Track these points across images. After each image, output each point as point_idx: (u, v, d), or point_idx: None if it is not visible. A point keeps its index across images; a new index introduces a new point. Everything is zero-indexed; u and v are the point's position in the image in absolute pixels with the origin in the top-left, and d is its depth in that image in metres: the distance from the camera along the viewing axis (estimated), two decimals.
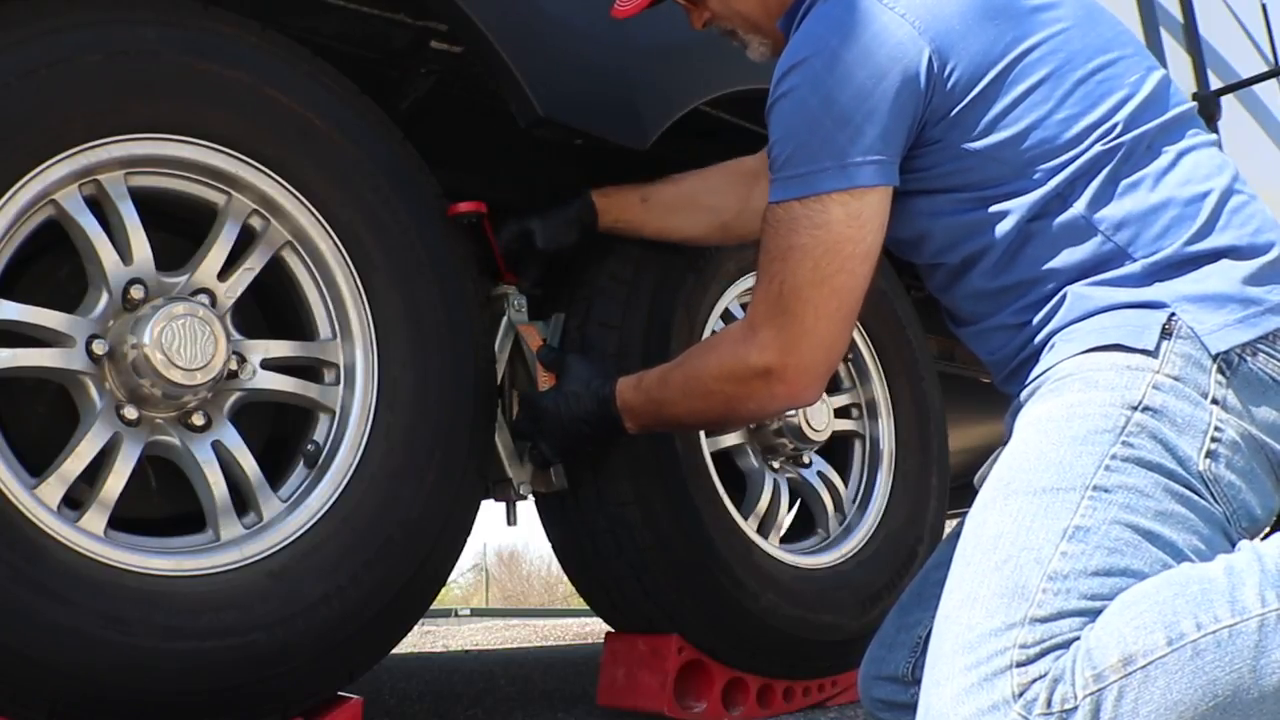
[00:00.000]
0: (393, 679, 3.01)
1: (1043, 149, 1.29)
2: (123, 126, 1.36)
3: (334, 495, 1.46)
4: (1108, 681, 1.03)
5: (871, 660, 1.43)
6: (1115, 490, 1.16)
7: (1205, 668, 1.03)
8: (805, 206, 1.30)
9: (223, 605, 1.32)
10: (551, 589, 23.28)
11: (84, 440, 1.32)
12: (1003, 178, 1.30)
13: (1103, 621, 1.08)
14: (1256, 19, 4.02)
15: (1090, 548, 1.12)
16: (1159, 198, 1.27)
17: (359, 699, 1.47)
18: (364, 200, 1.54)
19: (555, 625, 7.33)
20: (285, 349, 1.52)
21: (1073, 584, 1.09)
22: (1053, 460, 1.19)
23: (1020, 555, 1.12)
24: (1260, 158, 3.73)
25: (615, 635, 1.96)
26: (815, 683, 2.07)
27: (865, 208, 1.30)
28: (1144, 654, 1.04)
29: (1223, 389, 1.21)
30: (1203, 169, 1.30)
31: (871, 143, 1.28)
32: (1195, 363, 1.22)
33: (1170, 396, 1.21)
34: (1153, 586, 1.09)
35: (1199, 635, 1.05)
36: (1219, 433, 1.21)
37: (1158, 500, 1.16)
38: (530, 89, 1.62)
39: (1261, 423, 1.22)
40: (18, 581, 1.18)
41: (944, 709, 1.06)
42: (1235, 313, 1.23)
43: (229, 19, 1.47)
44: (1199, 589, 1.07)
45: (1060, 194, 1.28)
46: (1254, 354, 1.22)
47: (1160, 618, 1.05)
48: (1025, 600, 1.08)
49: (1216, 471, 1.19)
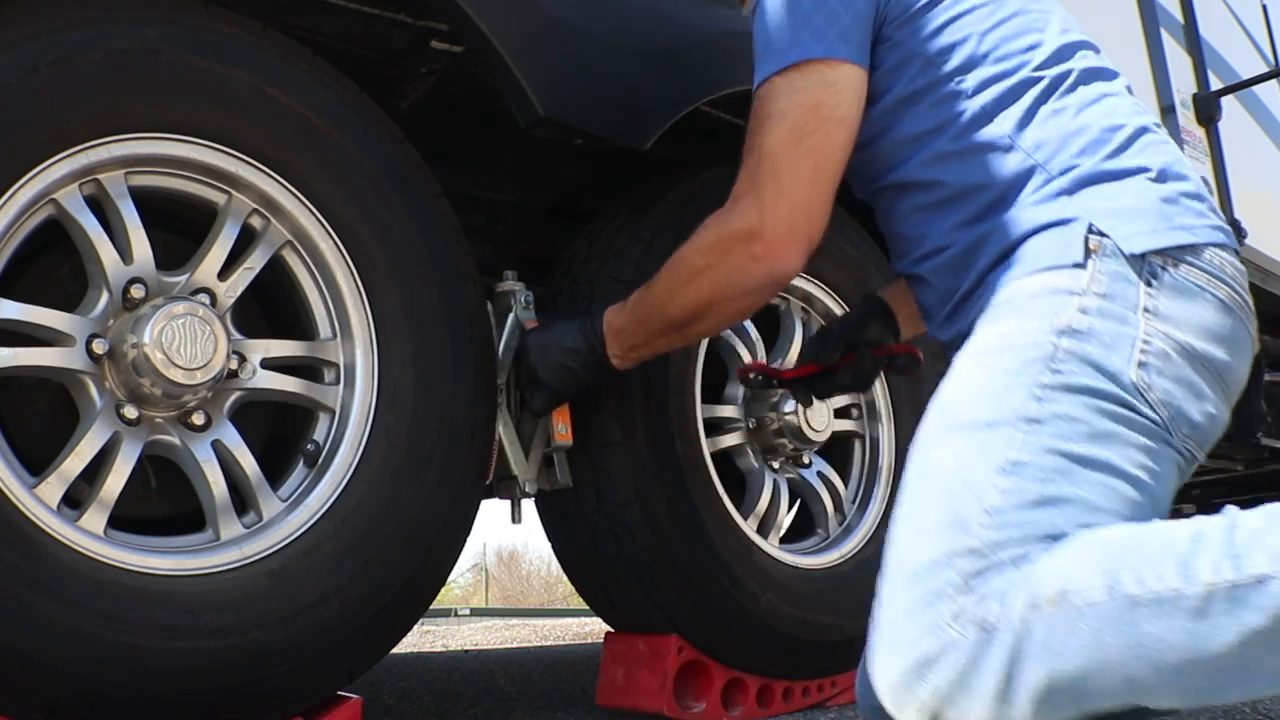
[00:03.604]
0: (393, 678, 3.01)
1: (977, 63, 1.37)
2: (123, 126, 1.36)
3: (334, 495, 1.46)
4: (1041, 612, 1.06)
5: (866, 668, 1.43)
6: (1047, 420, 1.20)
7: (1138, 624, 1.04)
8: (784, 77, 1.37)
9: (222, 604, 1.32)
10: (551, 589, 23.27)
11: (84, 439, 1.32)
12: (936, 83, 1.38)
13: (1056, 554, 1.11)
14: (1256, 19, 4.01)
15: (1025, 481, 1.15)
16: (1079, 124, 1.33)
17: (359, 699, 1.47)
18: (364, 200, 1.54)
19: (555, 625, 7.33)
20: (285, 348, 1.52)
21: (1010, 517, 1.13)
22: (987, 393, 1.23)
23: (960, 491, 1.16)
24: (1260, 158, 3.73)
25: (615, 635, 1.96)
26: (815, 683, 2.07)
27: (841, 77, 1.37)
28: (1080, 594, 1.06)
29: (1153, 299, 1.25)
30: (1123, 109, 1.36)
31: (847, 26, 1.37)
32: (1123, 278, 1.26)
33: (1097, 318, 1.25)
34: (1117, 533, 1.11)
35: (1139, 591, 1.05)
36: (1148, 344, 1.24)
37: (1090, 423, 1.19)
38: (531, 89, 1.62)
39: (1197, 328, 1.25)
40: (18, 581, 1.18)
41: (890, 625, 1.13)
42: (1150, 223, 1.27)
43: (230, 18, 1.47)
44: (1157, 547, 1.08)
45: (987, 111, 1.35)
46: (1176, 264, 1.26)
47: (1107, 565, 1.07)
48: (966, 534, 1.13)
49: (1149, 380, 1.22)
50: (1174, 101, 3.06)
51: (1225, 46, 3.52)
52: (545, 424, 1.76)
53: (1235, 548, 1.06)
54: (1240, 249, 3.12)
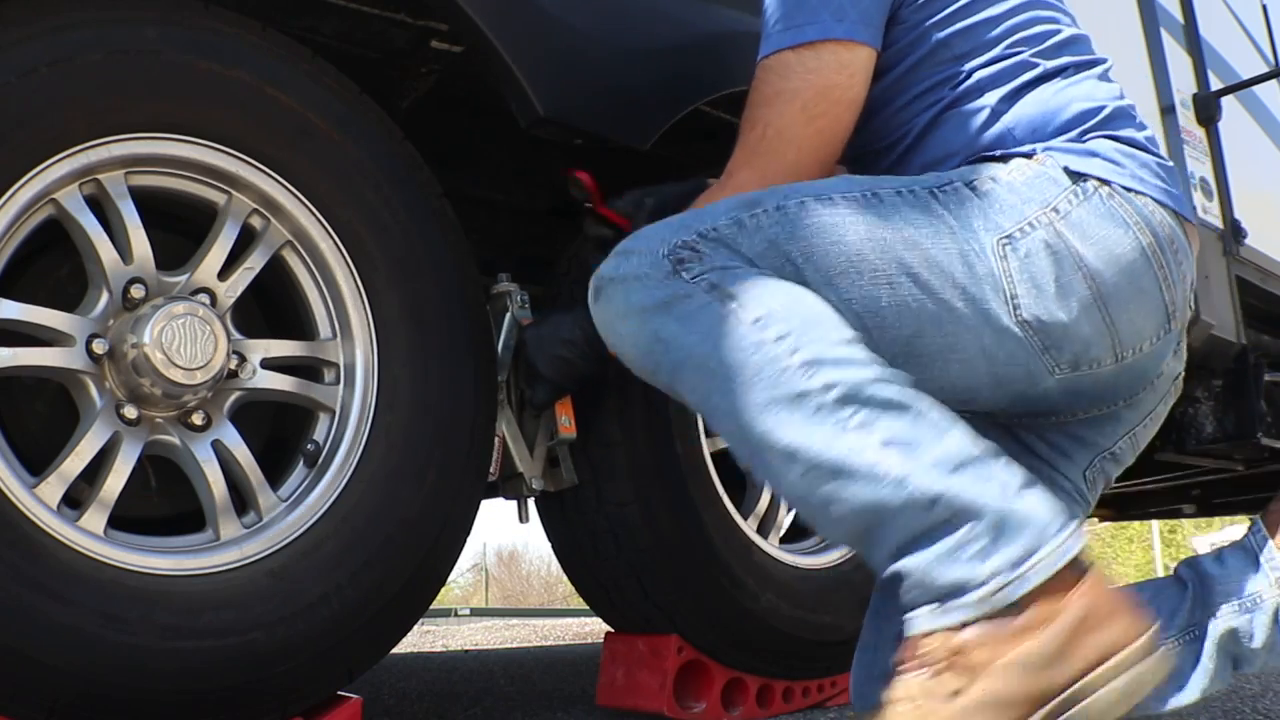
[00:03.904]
0: (392, 678, 3.01)
1: (982, 45, 1.39)
2: (123, 125, 1.36)
3: (334, 494, 1.46)
4: (711, 295, 1.20)
5: (861, 665, 1.43)
6: (888, 204, 1.27)
7: (749, 359, 1.17)
8: (798, 54, 1.36)
9: (222, 604, 1.32)
10: (551, 589, 23.27)
11: (84, 439, 1.32)
12: (942, 63, 1.39)
13: (770, 276, 1.22)
14: (1256, 19, 4.01)
15: (812, 210, 1.26)
16: (1059, 102, 1.37)
17: (359, 699, 1.47)
18: (364, 200, 1.54)
19: (555, 625, 7.33)
20: (285, 348, 1.52)
21: (766, 219, 1.26)
22: (866, 177, 1.33)
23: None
24: (1260, 158, 3.73)
25: (615, 635, 1.96)
26: (815, 683, 2.07)
27: (856, 60, 1.36)
28: (739, 298, 1.19)
29: (1070, 204, 1.29)
30: (1102, 92, 1.40)
31: (868, 8, 1.36)
32: (1049, 179, 1.31)
33: (1001, 188, 1.30)
34: (818, 306, 1.21)
35: (771, 340, 1.17)
36: (1031, 228, 1.28)
37: (912, 229, 1.26)
38: (531, 89, 1.62)
39: (1100, 248, 1.28)
40: (17, 580, 1.18)
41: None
42: (1101, 165, 1.32)
43: (229, 18, 1.47)
44: (820, 334, 1.18)
45: (980, 87, 1.38)
46: (1112, 195, 1.30)
47: (779, 306, 1.19)
48: (720, 213, 1.27)
49: (1006, 252, 1.26)
50: (1174, 101, 3.06)
51: (1225, 46, 3.52)
52: (548, 420, 1.77)
53: (858, 390, 1.15)
54: (1240, 249, 3.12)
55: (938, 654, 1.11)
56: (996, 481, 1.14)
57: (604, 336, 1.29)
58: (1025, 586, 1.10)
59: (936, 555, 1.11)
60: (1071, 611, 1.10)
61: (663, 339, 1.22)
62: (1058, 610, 1.09)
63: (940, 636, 1.11)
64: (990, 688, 1.08)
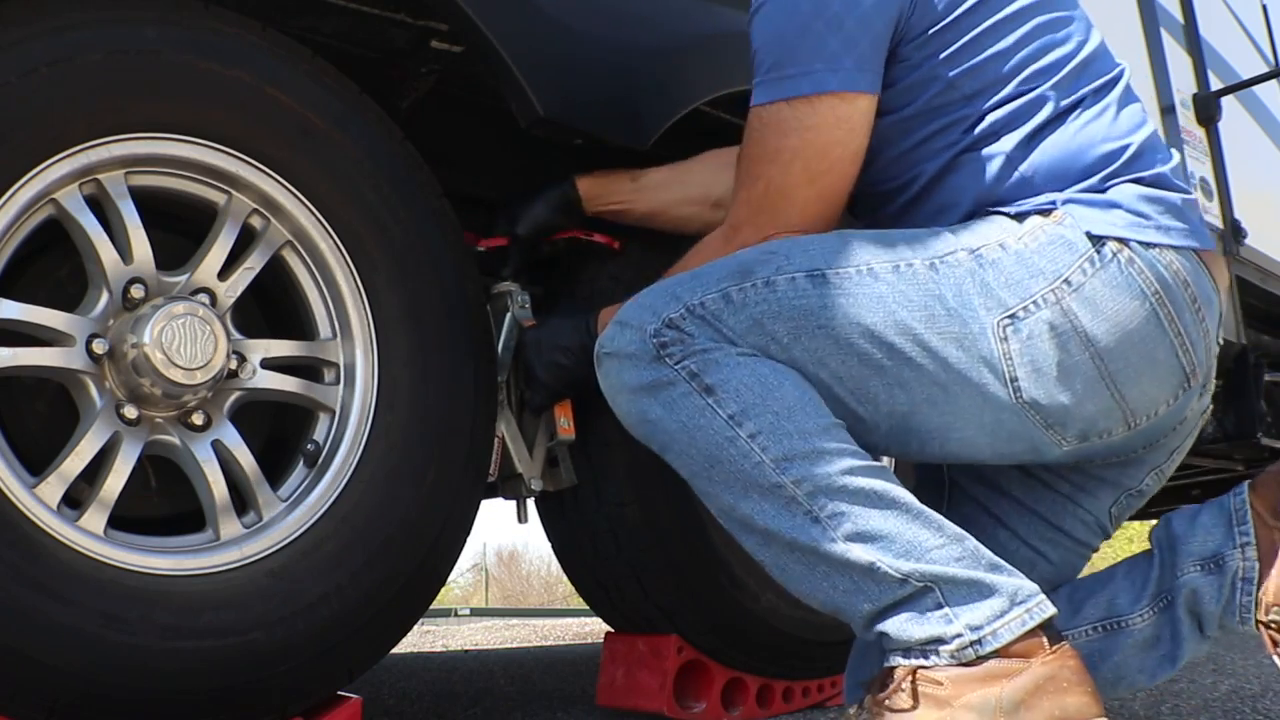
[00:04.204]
0: (393, 678, 3.01)
1: (994, 83, 1.32)
2: (123, 126, 1.36)
3: (334, 495, 1.46)
4: (690, 385, 1.25)
5: (852, 671, 1.44)
6: (883, 281, 1.24)
7: (724, 449, 1.23)
8: (793, 108, 1.31)
9: (222, 604, 1.32)
10: (551, 589, 23.27)
11: (84, 439, 1.32)
12: (951, 104, 1.33)
13: (747, 363, 1.25)
14: (1256, 19, 4.01)
15: (802, 287, 1.25)
16: (1079, 143, 1.31)
17: (359, 699, 1.47)
18: (364, 200, 1.54)
19: (555, 625, 7.33)
20: (285, 348, 1.52)
21: (752, 295, 1.27)
22: (865, 239, 1.29)
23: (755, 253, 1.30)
24: (1260, 158, 3.73)
25: (615, 635, 1.96)
26: (815, 683, 2.07)
27: (855, 112, 1.32)
28: (716, 394, 1.24)
29: (1082, 276, 1.24)
30: (1123, 125, 1.34)
31: (864, 50, 1.30)
32: (1064, 243, 1.25)
33: (1009, 258, 1.25)
34: (793, 394, 1.24)
35: (745, 438, 1.22)
36: (1037, 307, 1.23)
37: (908, 321, 1.23)
38: (531, 89, 1.62)
39: (1110, 321, 1.24)
40: (17, 580, 1.18)
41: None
42: (1123, 218, 1.26)
43: (230, 18, 1.47)
44: (790, 426, 1.22)
45: (995, 131, 1.32)
46: (1131, 260, 1.25)
47: (753, 402, 1.22)
48: (707, 282, 1.29)
49: (1008, 334, 1.23)
50: (1174, 101, 3.06)
51: (1225, 46, 3.52)
52: (548, 420, 1.76)
53: (829, 482, 1.20)
54: (1240, 249, 3.12)
55: (913, 688, 1.20)
56: (965, 558, 1.21)
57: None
58: (992, 645, 1.18)
59: (907, 618, 1.21)
60: (1035, 672, 1.17)
61: (650, 420, 1.29)
62: (1022, 669, 1.17)
63: (916, 671, 1.21)
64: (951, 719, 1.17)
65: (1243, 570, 1.31)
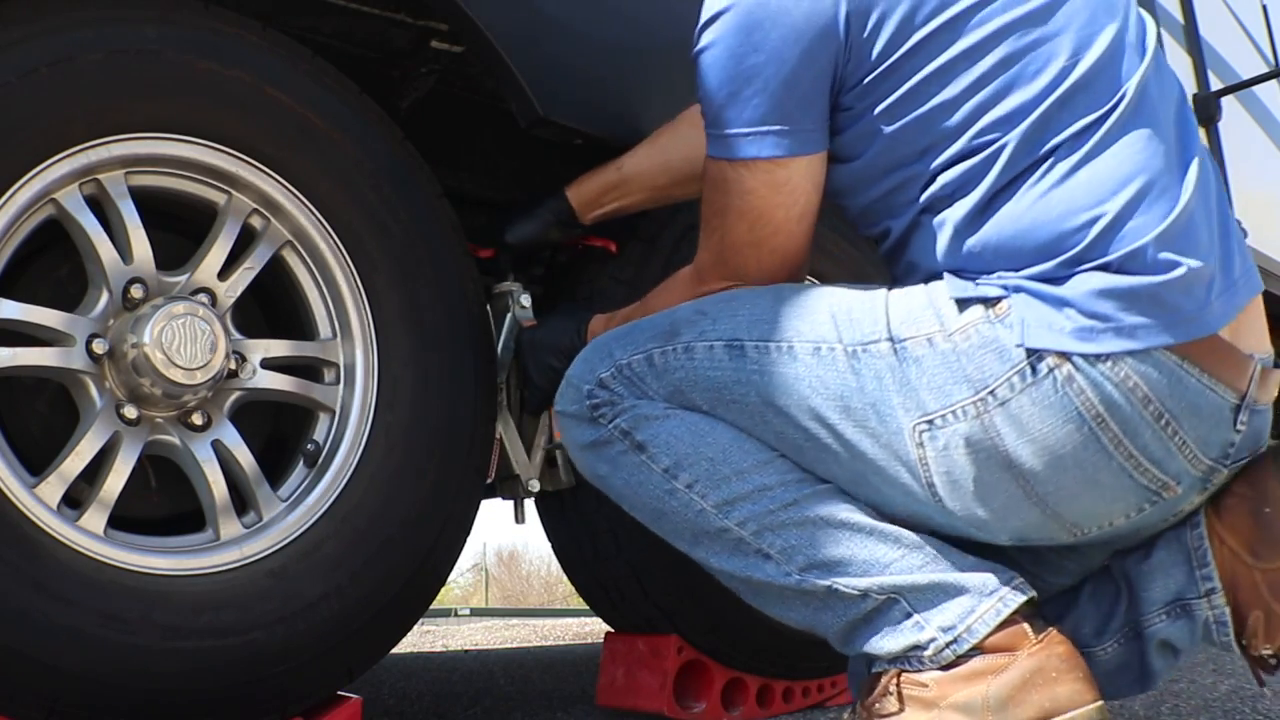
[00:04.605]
0: (393, 678, 3.01)
1: (942, 138, 1.20)
2: (123, 125, 1.36)
3: (334, 494, 1.45)
4: (625, 444, 1.29)
5: (853, 673, 1.44)
6: (801, 363, 1.22)
7: (668, 505, 1.27)
8: (732, 169, 1.27)
9: (222, 604, 1.32)
10: (551, 589, 23.27)
11: (84, 439, 1.32)
12: (903, 160, 1.23)
13: (675, 415, 1.27)
14: (1256, 19, 4.01)
15: (719, 361, 1.25)
16: (1033, 218, 1.15)
17: (359, 698, 1.47)
18: (364, 200, 1.54)
19: (555, 625, 7.32)
20: (285, 348, 1.52)
21: (673, 361, 1.28)
22: (796, 309, 1.25)
23: (669, 321, 1.31)
24: (1260, 158, 3.73)
25: (615, 635, 1.96)
26: (815, 683, 2.06)
27: (792, 175, 1.26)
28: (649, 450, 1.27)
29: (1010, 391, 1.13)
30: (1103, 181, 1.14)
31: (791, 111, 1.22)
32: (996, 350, 1.13)
33: (935, 357, 1.16)
34: (724, 439, 1.25)
35: (683, 489, 1.26)
36: (956, 419, 1.15)
37: (817, 407, 1.21)
38: (530, 89, 1.62)
39: (1037, 443, 1.13)
40: (17, 581, 1.18)
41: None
42: (1072, 322, 1.11)
43: (230, 18, 1.47)
44: (725, 470, 1.24)
45: (948, 194, 1.20)
46: (1069, 379, 1.11)
47: (685, 453, 1.25)
48: (637, 345, 1.31)
49: (924, 439, 1.17)
50: None
51: (1225, 46, 3.52)
52: (547, 421, 1.76)
53: (774, 519, 1.22)
54: None
55: (898, 692, 1.21)
56: (927, 564, 1.20)
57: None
58: (969, 641, 1.17)
59: (880, 633, 1.21)
60: (1021, 665, 1.15)
61: (600, 476, 1.33)
62: (1007, 664, 1.16)
63: (900, 676, 1.21)
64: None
65: (1213, 617, 1.21)
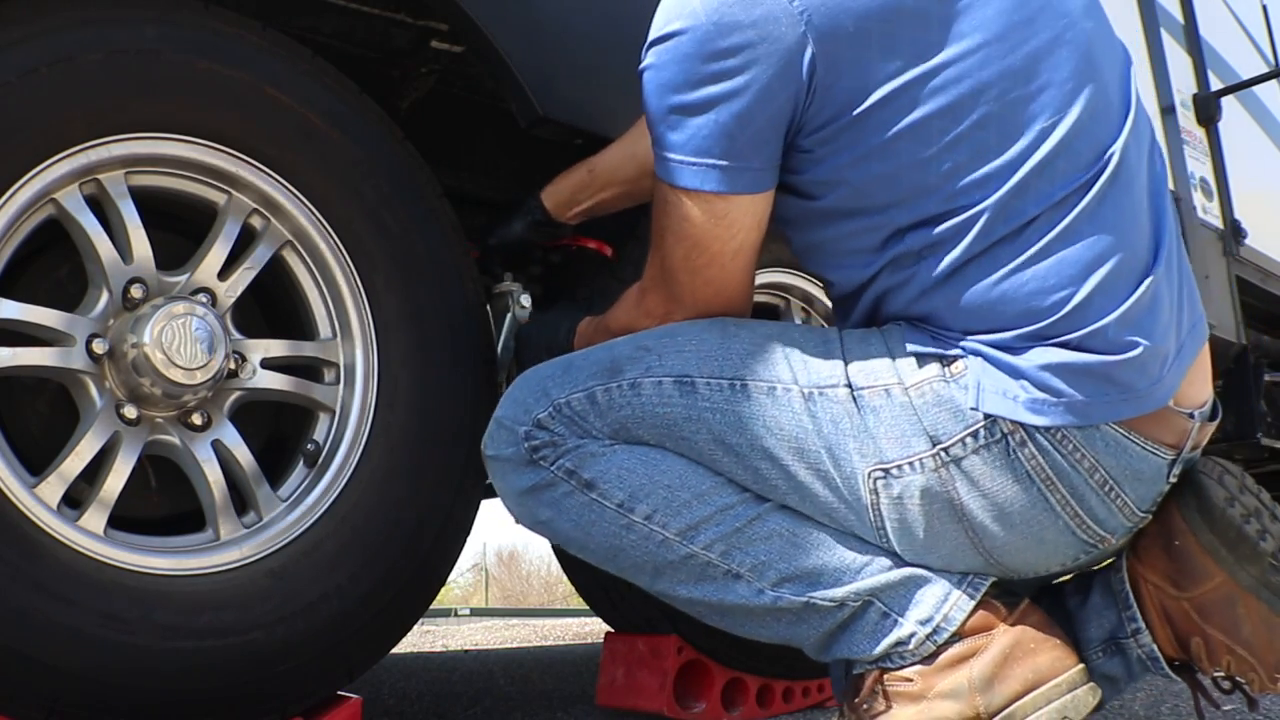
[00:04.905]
0: (392, 678, 3.01)
1: (912, 197, 1.16)
2: (123, 125, 1.36)
3: (333, 495, 1.45)
4: (572, 482, 1.25)
5: (835, 678, 1.44)
6: (755, 402, 1.20)
7: (625, 540, 1.23)
8: (673, 193, 1.22)
9: (222, 604, 1.32)
10: (551, 589, 23.27)
11: (84, 439, 1.32)
12: (865, 210, 1.19)
13: (622, 449, 1.24)
14: (1256, 19, 4.01)
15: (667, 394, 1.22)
16: (1000, 293, 1.14)
17: (358, 698, 1.47)
18: (364, 200, 1.54)
19: (555, 625, 7.33)
20: (285, 348, 1.52)
21: (621, 399, 1.25)
22: (746, 347, 1.23)
23: (613, 354, 1.28)
24: (1260, 158, 3.73)
25: (615, 635, 1.96)
26: (815, 683, 2.06)
27: (732, 209, 1.20)
28: (599, 487, 1.23)
29: (963, 450, 1.15)
30: (1075, 261, 1.13)
31: (740, 148, 1.16)
32: (952, 409, 1.15)
33: (893, 408, 1.16)
34: (677, 465, 1.22)
35: (641, 521, 1.22)
36: (912, 470, 1.16)
37: (776, 451, 1.19)
38: (530, 88, 1.62)
39: (987, 500, 1.15)
40: (17, 581, 1.18)
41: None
42: (1024, 393, 1.12)
43: (229, 18, 1.47)
44: (684, 495, 1.21)
45: (915, 252, 1.17)
46: (1022, 444, 1.13)
47: (639, 484, 1.22)
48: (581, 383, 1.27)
49: (879, 487, 1.17)
50: (1174, 101, 3.06)
51: (1225, 46, 3.52)
52: None
53: (741, 535, 1.20)
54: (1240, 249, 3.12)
55: (883, 690, 1.21)
56: (893, 565, 1.21)
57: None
58: (947, 630, 1.18)
59: (860, 638, 1.21)
60: (998, 643, 1.17)
61: (543, 522, 1.29)
62: (986, 644, 1.17)
63: (882, 674, 1.21)
64: (927, 714, 1.17)
65: (1144, 654, 1.25)
